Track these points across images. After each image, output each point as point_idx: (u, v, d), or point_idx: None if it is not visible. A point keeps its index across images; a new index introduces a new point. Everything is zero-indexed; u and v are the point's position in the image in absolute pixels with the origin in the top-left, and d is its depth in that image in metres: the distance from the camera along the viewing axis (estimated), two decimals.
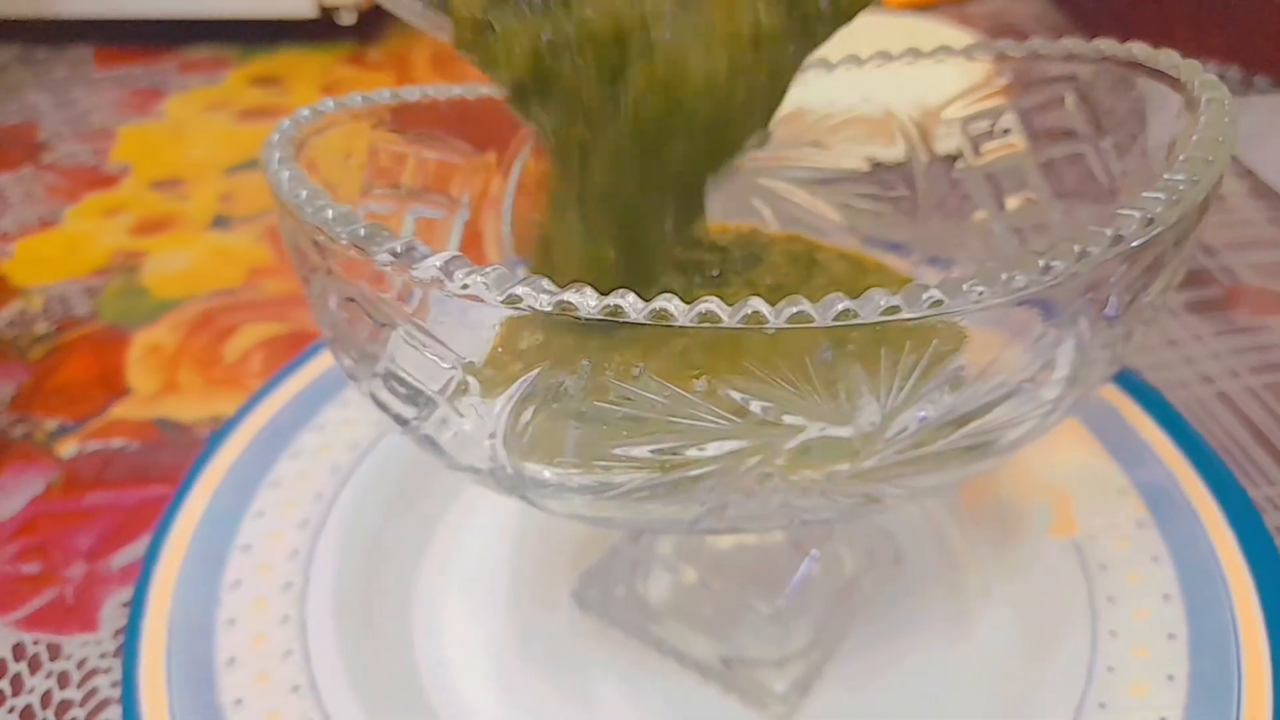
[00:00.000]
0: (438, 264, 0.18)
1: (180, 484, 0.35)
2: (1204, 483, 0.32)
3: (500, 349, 0.21)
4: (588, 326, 0.18)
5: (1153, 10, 0.68)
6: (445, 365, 0.20)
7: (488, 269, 0.18)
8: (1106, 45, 0.27)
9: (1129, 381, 0.36)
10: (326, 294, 0.21)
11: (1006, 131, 0.29)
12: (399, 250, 0.19)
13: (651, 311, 0.18)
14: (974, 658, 0.30)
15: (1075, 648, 0.28)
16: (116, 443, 0.40)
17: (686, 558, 0.31)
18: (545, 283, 0.18)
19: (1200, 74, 0.24)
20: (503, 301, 0.18)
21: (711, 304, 0.18)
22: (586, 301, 0.18)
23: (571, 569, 0.32)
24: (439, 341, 0.20)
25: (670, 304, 0.18)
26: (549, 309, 0.18)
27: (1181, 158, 0.22)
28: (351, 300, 0.20)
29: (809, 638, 0.30)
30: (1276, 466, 0.37)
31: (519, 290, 0.18)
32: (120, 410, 0.42)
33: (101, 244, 0.54)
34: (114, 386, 0.44)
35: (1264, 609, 0.28)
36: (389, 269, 0.19)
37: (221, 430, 0.36)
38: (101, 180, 0.60)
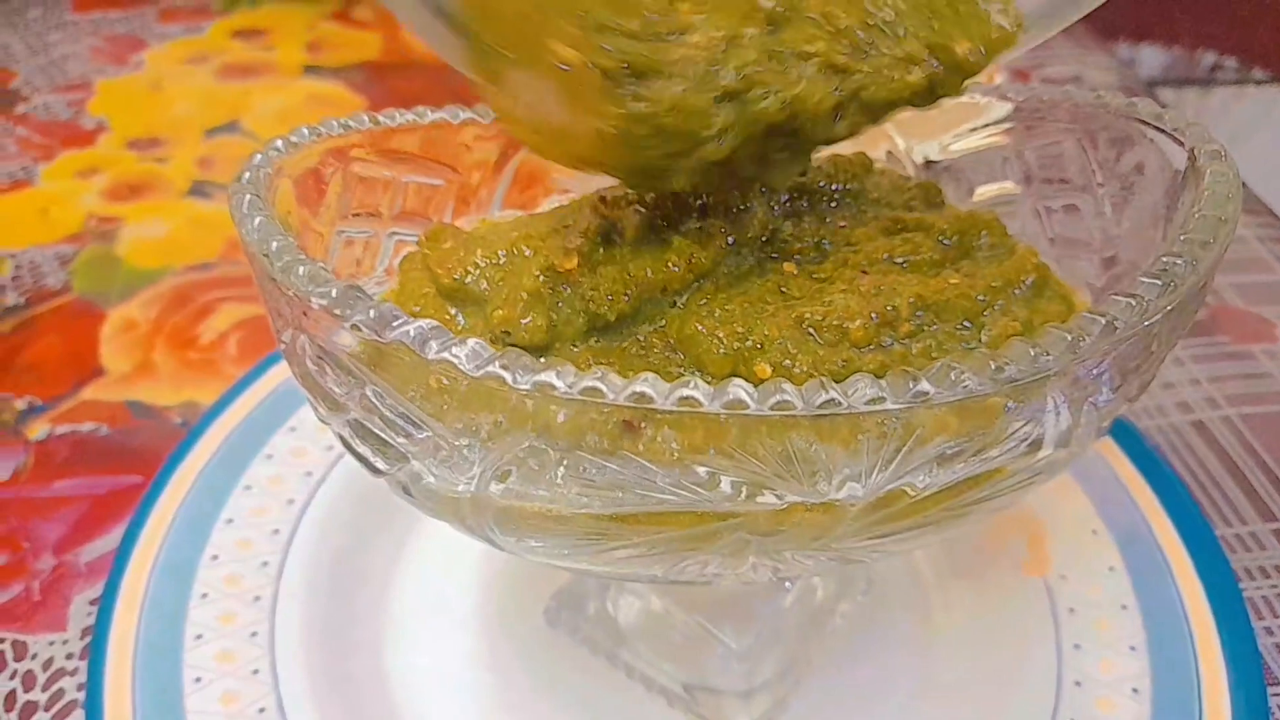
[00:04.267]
0: (411, 333, 0.18)
1: (153, 480, 0.34)
2: (1175, 528, 0.32)
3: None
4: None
5: None
6: (419, 434, 0.19)
7: (463, 341, 0.18)
8: (1111, 98, 0.26)
9: None
10: (297, 345, 0.20)
11: (1003, 175, 0.28)
12: (372, 316, 0.18)
13: (631, 394, 0.18)
14: (938, 693, 0.30)
15: (1040, 692, 0.29)
16: (88, 426, 0.40)
17: (655, 587, 0.31)
18: (526, 359, 0.18)
19: (1206, 141, 0.23)
20: (480, 378, 0.18)
21: (694, 390, 0.18)
22: (564, 382, 0.18)
23: (545, 587, 0.32)
24: (410, 410, 0.19)
25: (649, 387, 0.18)
26: (528, 389, 0.18)
27: (1181, 238, 0.21)
28: (323, 358, 0.20)
29: (777, 669, 0.30)
30: (1249, 504, 0.37)
31: (497, 369, 0.18)
32: (92, 391, 0.41)
33: (76, 208, 0.52)
34: (86, 365, 0.43)
35: (1229, 666, 0.28)
36: (362, 334, 0.18)
37: (196, 427, 0.36)
38: (78, 137, 0.58)
